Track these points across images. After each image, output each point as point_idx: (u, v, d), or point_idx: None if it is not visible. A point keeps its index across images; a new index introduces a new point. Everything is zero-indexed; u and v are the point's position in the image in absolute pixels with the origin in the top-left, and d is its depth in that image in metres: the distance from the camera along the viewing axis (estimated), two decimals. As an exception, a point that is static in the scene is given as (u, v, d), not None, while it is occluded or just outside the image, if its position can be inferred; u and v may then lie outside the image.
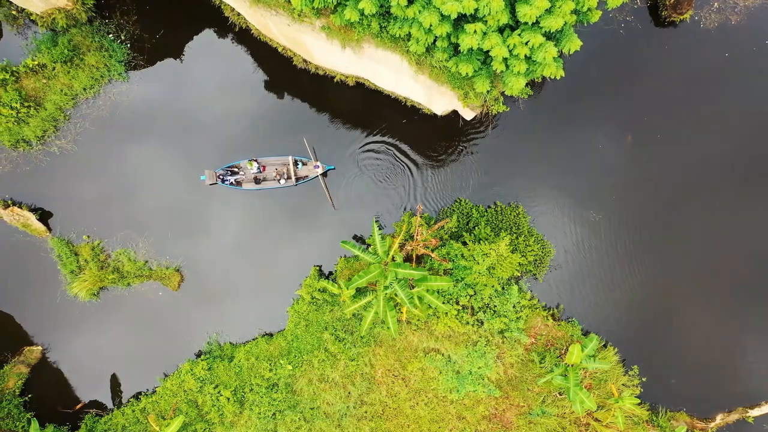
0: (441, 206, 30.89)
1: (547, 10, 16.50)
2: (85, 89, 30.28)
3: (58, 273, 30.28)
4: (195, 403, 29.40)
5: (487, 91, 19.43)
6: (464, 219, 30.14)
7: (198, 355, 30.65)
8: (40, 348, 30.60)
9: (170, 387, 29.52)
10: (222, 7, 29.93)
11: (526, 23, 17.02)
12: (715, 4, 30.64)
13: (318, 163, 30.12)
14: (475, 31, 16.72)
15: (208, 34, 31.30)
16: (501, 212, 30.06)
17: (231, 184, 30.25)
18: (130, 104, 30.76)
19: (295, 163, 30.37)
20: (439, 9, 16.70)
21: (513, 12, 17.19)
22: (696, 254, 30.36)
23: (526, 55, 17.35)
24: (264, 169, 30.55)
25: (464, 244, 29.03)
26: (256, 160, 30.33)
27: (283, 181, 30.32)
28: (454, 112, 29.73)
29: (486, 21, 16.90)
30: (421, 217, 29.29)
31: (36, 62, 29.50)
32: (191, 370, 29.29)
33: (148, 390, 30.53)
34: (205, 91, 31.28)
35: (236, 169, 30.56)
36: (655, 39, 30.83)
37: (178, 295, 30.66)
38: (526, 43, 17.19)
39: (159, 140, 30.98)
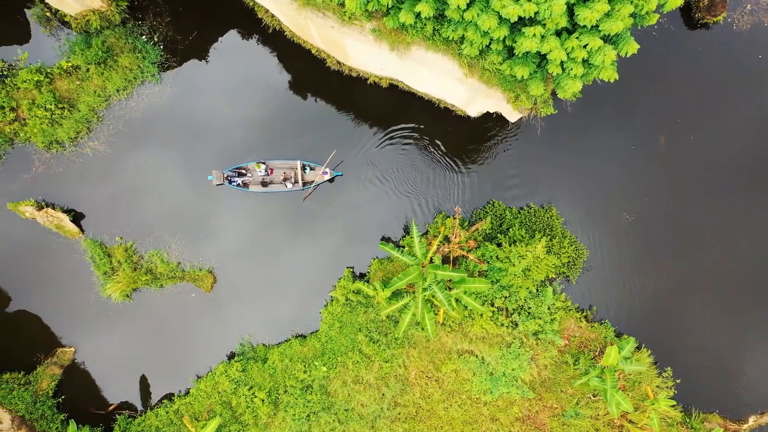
0: (473, 208, 30.91)
1: (606, 13, 16.54)
2: (118, 91, 30.28)
3: (91, 274, 30.28)
4: (229, 404, 29.40)
5: (539, 94, 19.48)
6: (497, 221, 30.16)
7: (230, 357, 30.66)
8: (72, 349, 30.60)
9: (204, 388, 29.52)
10: (255, 9, 29.92)
11: (584, 26, 17.06)
12: (748, 6, 30.66)
13: (327, 170, 30.07)
14: (534, 35, 16.75)
15: (240, 36, 31.30)
16: (534, 214, 30.08)
17: (238, 185, 30.21)
18: (162, 106, 30.77)
19: (303, 168, 30.29)
20: (498, 12, 16.73)
21: (570, 15, 17.22)
22: (728, 257, 30.38)
23: (583, 59, 17.39)
24: (271, 172, 30.50)
25: (498, 245, 29.08)
26: (263, 163, 30.27)
27: (289, 185, 30.21)
28: (487, 114, 29.78)
29: (545, 24, 16.94)
30: (455, 218, 29.32)
31: (70, 64, 29.51)
32: (225, 371, 29.29)
33: (180, 391, 30.53)
34: (231, 92, 31.21)
35: (244, 171, 30.52)
36: (687, 41, 30.87)
37: (210, 296, 30.67)
38: (585, 47, 17.24)
39: (187, 141, 30.94)
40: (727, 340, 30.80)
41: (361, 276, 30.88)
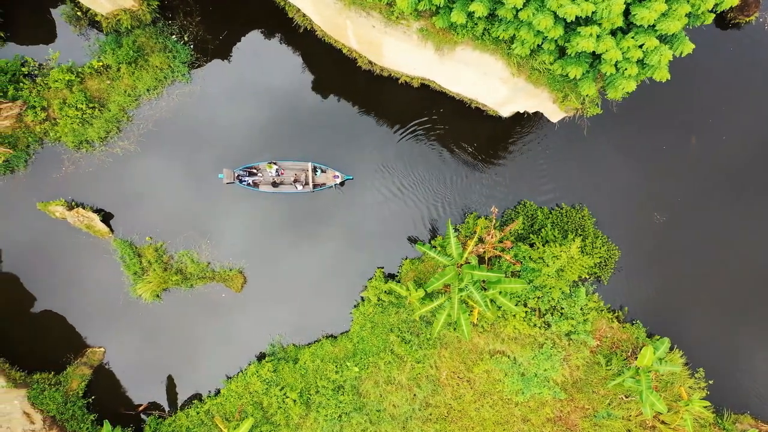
0: (504, 208, 30.82)
1: (662, 13, 16.47)
2: (148, 90, 30.20)
3: (120, 275, 30.20)
4: (260, 404, 29.33)
5: (592, 94, 19.39)
6: (528, 221, 30.08)
7: (259, 358, 30.59)
8: (102, 349, 30.53)
9: (235, 389, 29.45)
10: (286, 8, 29.83)
11: (640, 26, 16.98)
12: (780, 6, 30.57)
13: (337, 173, 30.06)
14: (590, 34, 16.67)
15: (270, 36, 31.19)
16: (566, 214, 30.00)
17: (248, 185, 30.13)
18: (192, 105, 30.66)
19: (314, 170, 30.22)
20: (553, 12, 16.65)
21: (625, 14, 17.15)
22: (762, 259, 30.28)
23: (638, 59, 17.32)
24: (282, 173, 30.43)
25: (531, 246, 29.02)
26: (275, 163, 30.18)
27: (299, 187, 30.11)
28: (518, 115, 29.69)
29: (600, 24, 16.87)
30: (491, 218, 29.26)
31: (101, 63, 29.43)
32: (257, 371, 29.21)
33: (210, 392, 30.45)
34: (257, 91, 31.11)
35: (255, 171, 30.43)
36: (719, 40, 30.78)
37: (240, 296, 30.59)
38: (641, 46, 17.16)
39: (214, 140, 30.80)
40: (758, 341, 30.70)
41: (390, 276, 30.79)
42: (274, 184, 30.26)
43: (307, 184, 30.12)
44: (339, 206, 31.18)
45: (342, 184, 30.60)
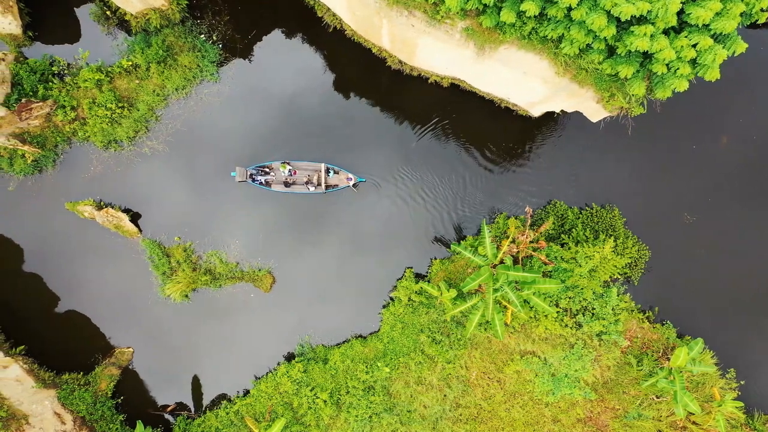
0: (534, 208, 30.67)
1: (717, 12, 16.37)
2: (177, 90, 30.11)
3: (149, 275, 30.13)
4: (290, 405, 29.26)
5: (641, 93, 19.27)
6: (559, 221, 29.97)
7: (288, 358, 30.51)
8: (131, 350, 30.47)
9: (265, 389, 29.37)
10: (316, 7, 29.72)
11: (694, 25, 16.88)
12: (810, 5, 30.38)
13: (350, 175, 30.02)
14: (644, 34, 16.57)
15: (298, 35, 31.09)
16: (596, 214, 29.88)
17: (261, 184, 30.07)
18: (220, 104, 30.54)
19: (327, 171, 30.16)
20: (607, 11, 16.53)
21: (677, 14, 17.04)
22: (792, 257, 30.19)
23: (692, 58, 17.22)
24: (295, 173, 30.36)
25: (562, 245, 28.91)
26: (289, 164, 30.08)
27: (312, 188, 30.04)
28: (548, 114, 29.58)
29: (654, 23, 16.77)
30: (517, 219, 29.17)
31: (130, 63, 29.32)
32: (287, 372, 29.12)
33: (239, 392, 30.39)
34: (282, 91, 31.03)
35: (267, 170, 30.35)
36: (748, 40, 30.51)
37: (269, 296, 30.51)
38: (694, 46, 17.07)
39: (238, 140, 30.70)
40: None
41: (419, 276, 30.67)
42: (286, 184, 30.20)
43: (319, 185, 30.05)
44: (363, 207, 31.05)
45: (355, 186, 30.47)
